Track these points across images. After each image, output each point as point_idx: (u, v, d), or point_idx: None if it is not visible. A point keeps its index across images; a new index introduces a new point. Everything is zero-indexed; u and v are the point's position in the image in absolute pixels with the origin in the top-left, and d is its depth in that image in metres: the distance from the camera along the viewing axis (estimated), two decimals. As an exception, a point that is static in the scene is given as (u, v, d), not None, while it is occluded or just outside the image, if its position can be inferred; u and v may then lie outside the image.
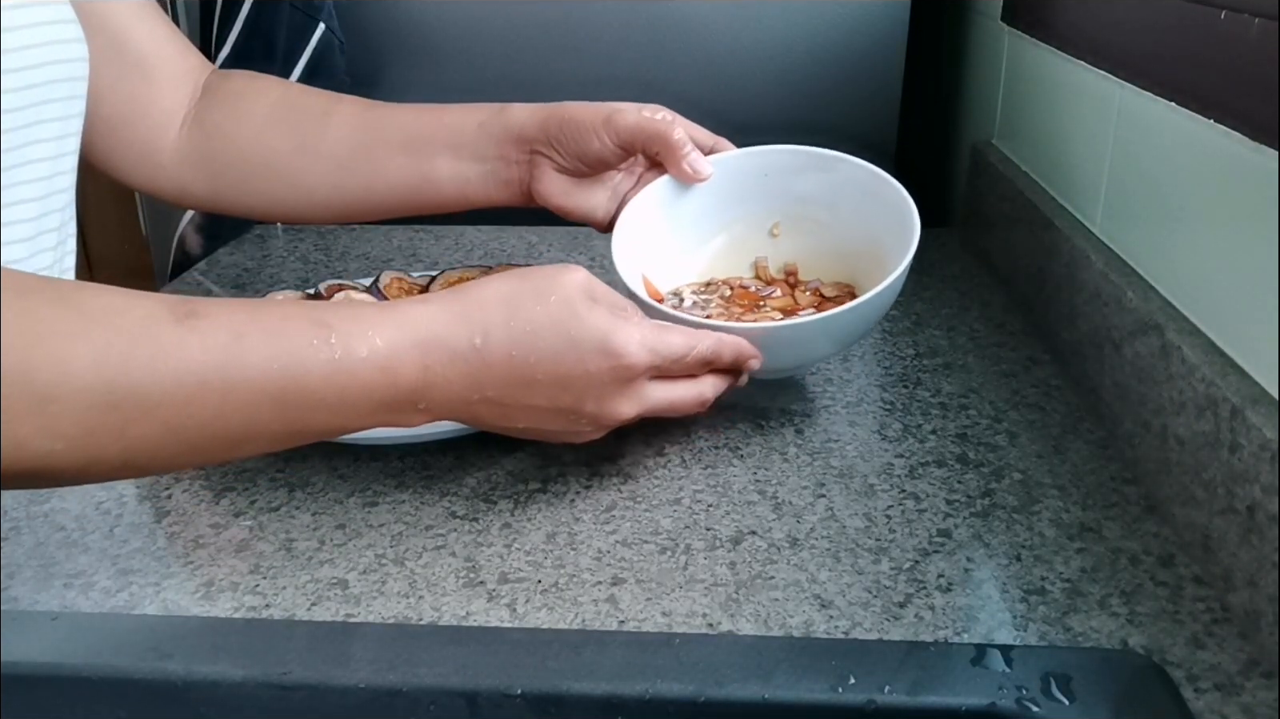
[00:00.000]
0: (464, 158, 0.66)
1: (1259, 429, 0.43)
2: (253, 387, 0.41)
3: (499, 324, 0.46)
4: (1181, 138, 0.54)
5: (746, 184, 0.67)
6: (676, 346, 0.50)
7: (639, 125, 0.62)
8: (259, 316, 0.42)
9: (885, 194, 0.62)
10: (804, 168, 0.66)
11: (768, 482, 0.55)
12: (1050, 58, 0.76)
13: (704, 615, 0.45)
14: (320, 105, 0.69)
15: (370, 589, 0.47)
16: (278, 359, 0.41)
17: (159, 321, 0.40)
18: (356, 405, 0.44)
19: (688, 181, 0.65)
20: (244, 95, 0.70)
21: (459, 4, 0.98)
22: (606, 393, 0.48)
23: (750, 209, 0.68)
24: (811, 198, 0.66)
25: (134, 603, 0.47)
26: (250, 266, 0.91)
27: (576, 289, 0.48)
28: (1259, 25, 0.45)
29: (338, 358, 0.42)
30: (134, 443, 0.39)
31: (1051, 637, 0.43)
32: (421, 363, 0.45)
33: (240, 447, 0.43)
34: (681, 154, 0.63)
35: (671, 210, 0.66)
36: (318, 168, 0.68)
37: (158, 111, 0.68)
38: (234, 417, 0.41)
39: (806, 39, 0.98)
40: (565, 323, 0.47)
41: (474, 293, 0.47)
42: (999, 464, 0.57)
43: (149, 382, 0.38)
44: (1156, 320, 0.53)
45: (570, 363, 0.47)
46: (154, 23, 0.68)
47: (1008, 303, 0.79)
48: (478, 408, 0.47)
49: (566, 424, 0.49)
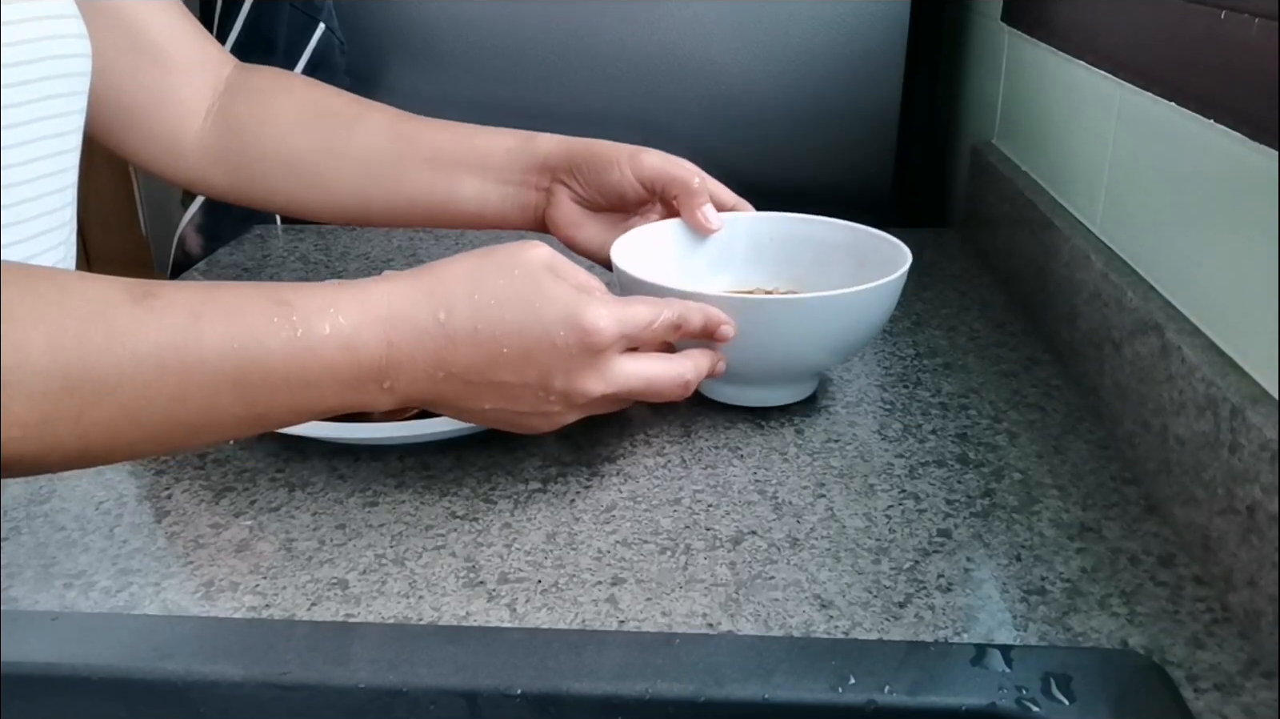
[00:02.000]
0: (488, 180, 0.67)
1: (1259, 429, 0.43)
2: (211, 367, 0.40)
3: (462, 298, 0.46)
4: (1181, 138, 0.54)
5: (754, 246, 0.69)
6: (642, 315, 0.50)
7: (663, 167, 0.64)
8: (217, 296, 0.42)
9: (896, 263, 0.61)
10: (814, 236, 0.68)
11: (768, 482, 0.55)
12: (1050, 58, 0.76)
13: (704, 615, 0.45)
14: (350, 111, 0.70)
15: (370, 589, 0.47)
16: (237, 337, 0.41)
17: (115, 303, 0.39)
18: (319, 384, 0.43)
19: (698, 229, 0.66)
20: (271, 93, 0.70)
21: (459, 4, 0.98)
22: (574, 367, 0.48)
23: (752, 271, 0.69)
24: (818, 271, 0.67)
25: (134, 603, 0.47)
26: (250, 267, 0.91)
27: (540, 263, 0.48)
28: (1259, 25, 0.45)
29: (299, 335, 0.42)
30: (91, 428, 0.38)
31: (1051, 637, 0.43)
32: (385, 339, 0.44)
33: (201, 432, 0.42)
34: (698, 201, 0.65)
35: (676, 249, 0.67)
36: (342, 173, 0.68)
37: (177, 101, 0.68)
38: (193, 399, 0.40)
39: (806, 39, 0.98)
40: (529, 296, 0.47)
41: (437, 269, 0.47)
42: (999, 464, 0.57)
43: (105, 363, 0.38)
44: (1156, 320, 0.53)
45: (536, 335, 0.46)
46: (169, 13, 0.68)
47: (1008, 303, 0.79)
48: (443, 385, 0.46)
49: (535, 403, 0.49)
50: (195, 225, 1.06)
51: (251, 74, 0.72)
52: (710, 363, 0.55)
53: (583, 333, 0.47)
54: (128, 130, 0.67)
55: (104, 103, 0.64)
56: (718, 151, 0.98)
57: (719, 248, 0.68)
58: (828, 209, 0.70)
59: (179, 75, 0.68)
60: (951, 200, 1.08)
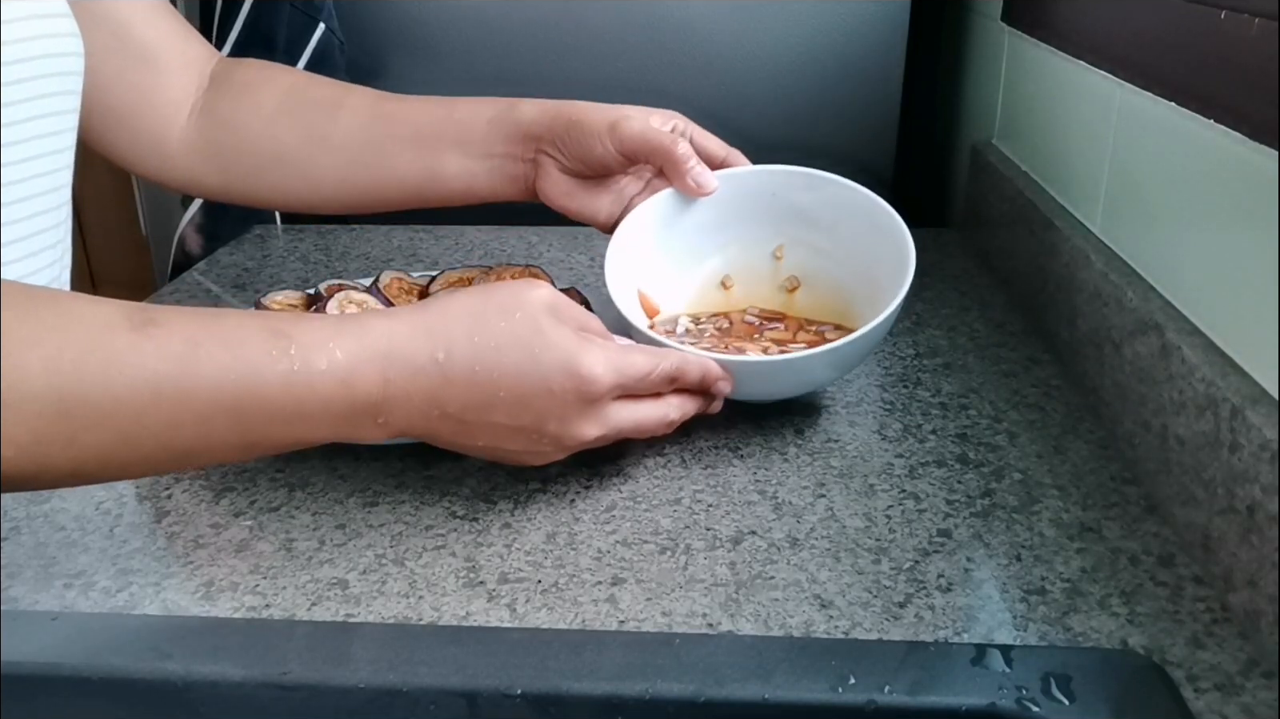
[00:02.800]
0: (472, 154, 0.65)
1: (1259, 429, 0.43)
2: (208, 397, 0.40)
3: (462, 338, 0.46)
4: (1181, 138, 0.54)
5: (753, 202, 0.66)
6: (640, 366, 0.50)
7: (643, 136, 0.61)
8: (217, 325, 0.42)
9: (890, 231, 0.61)
10: (812, 190, 0.65)
11: (768, 482, 0.55)
12: (1050, 58, 0.76)
13: (704, 615, 0.45)
14: (331, 97, 0.69)
15: (370, 589, 0.47)
16: (234, 369, 0.41)
17: (114, 329, 0.39)
18: (313, 418, 0.43)
19: (692, 196, 0.64)
20: (254, 85, 0.69)
21: (459, 4, 0.98)
22: (569, 413, 0.48)
23: (755, 228, 0.66)
24: (817, 222, 0.65)
25: (134, 603, 0.47)
26: (250, 266, 0.91)
27: (541, 306, 0.48)
28: (1259, 25, 0.45)
29: (296, 369, 0.42)
30: (84, 451, 0.38)
31: (1051, 637, 0.43)
32: (382, 376, 0.44)
33: (193, 458, 0.43)
34: (685, 168, 0.62)
35: (673, 224, 0.65)
36: (327, 160, 0.67)
37: (164, 101, 0.68)
38: (188, 427, 0.40)
39: (807, 39, 0.98)
40: (529, 340, 0.46)
41: (437, 307, 0.47)
42: (999, 464, 0.57)
43: (101, 389, 0.38)
44: (1156, 320, 0.53)
45: (533, 380, 0.46)
46: (157, 13, 0.68)
47: (1008, 303, 0.79)
48: (437, 424, 0.47)
49: (527, 444, 0.49)
50: (195, 225, 1.06)
51: (234, 67, 0.71)
52: (699, 408, 0.55)
53: (580, 380, 0.47)
54: (116, 132, 0.67)
55: (91, 105, 0.64)
56: (718, 151, 0.98)
57: (717, 209, 0.65)
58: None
59: (165, 75, 0.68)
60: (951, 200, 1.08)
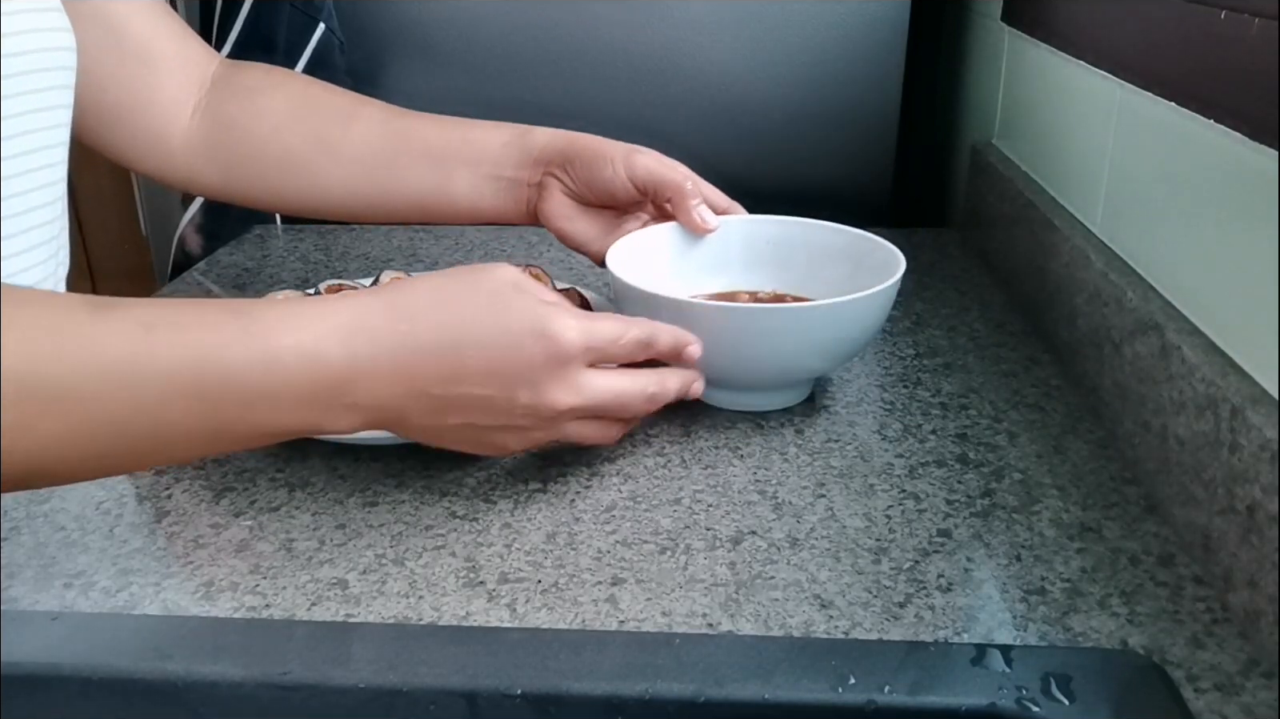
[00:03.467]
0: (482, 174, 0.67)
1: (1259, 429, 0.43)
2: (163, 379, 0.39)
3: (426, 310, 0.46)
4: (1181, 138, 0.54)
5: (750, 249, 0.68)
6: (609, 329, 0.50)
7: (656, 168, 0.64)
8: (175, 309, 0.41)
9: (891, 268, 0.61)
10: (811, 240, 0.67)
11: (768, 482, 0.55)
12: (1050, 58, 0.76)
13: (704, 615, 0.45)
14: (343, 107, 0.69)
15: (370, 589, 0.47)
16: (192, 349, 0.40)
17: (71, 315, 0.39)
18: (277, 398, 0.42)
19: (694, 230, 0.66)
20: (262, 89, 0.70)
21: (459, 4, 0.98)
22: (540, 377, 0.48)
23: (748, 274, 0.69)
24: (813, 275, 0.67)
25: (134, 603, 0.47)
26: (250, 267, 0.91)
27: (506, 282, 0.48)
28: (1259, 25, 0.45)
29: (257, 346, 0.41)
30: (43, 438, 0.37)
31: (1051, 637, 0.43)
32: (347, 349, 0.43)
33: (157, 449, 0.42)
34: (691, 204, 0.65)
35: (672, 252, 0.67)
36: (337, 170, 0.68)
37: (163, 99, 0.68)
38: (147, 412, 0.39)
39: (806, 39, 0.98)
40: (495, 311, 0.47)
41: (401, 286, 0.47)
42: (999, 464, 0.57)
43: (55, 372, 0.37)
44: (1156, 320, 0.53)
45: (502, 346, 0.46)
46: (152, 12, 0.68)
47: (1008, 303, 0.79)
48: (406, 401, 0.46)
49: (502, 417, 0.48)
50: (195, 225, 1.06)
51: (240, 70, 0.71)
52: (681, 383, 0.55)
53: (549, 341, 0.47)
54: (113, 130, 0.67)
55: (88, 103, 0.64)
56: (717, 151, 0.98)
57: (714, 251, 0.68)
58: (827, 209, 0.70)
59: (163, 74, 0.68)
60: (951, 200, 1.08)
